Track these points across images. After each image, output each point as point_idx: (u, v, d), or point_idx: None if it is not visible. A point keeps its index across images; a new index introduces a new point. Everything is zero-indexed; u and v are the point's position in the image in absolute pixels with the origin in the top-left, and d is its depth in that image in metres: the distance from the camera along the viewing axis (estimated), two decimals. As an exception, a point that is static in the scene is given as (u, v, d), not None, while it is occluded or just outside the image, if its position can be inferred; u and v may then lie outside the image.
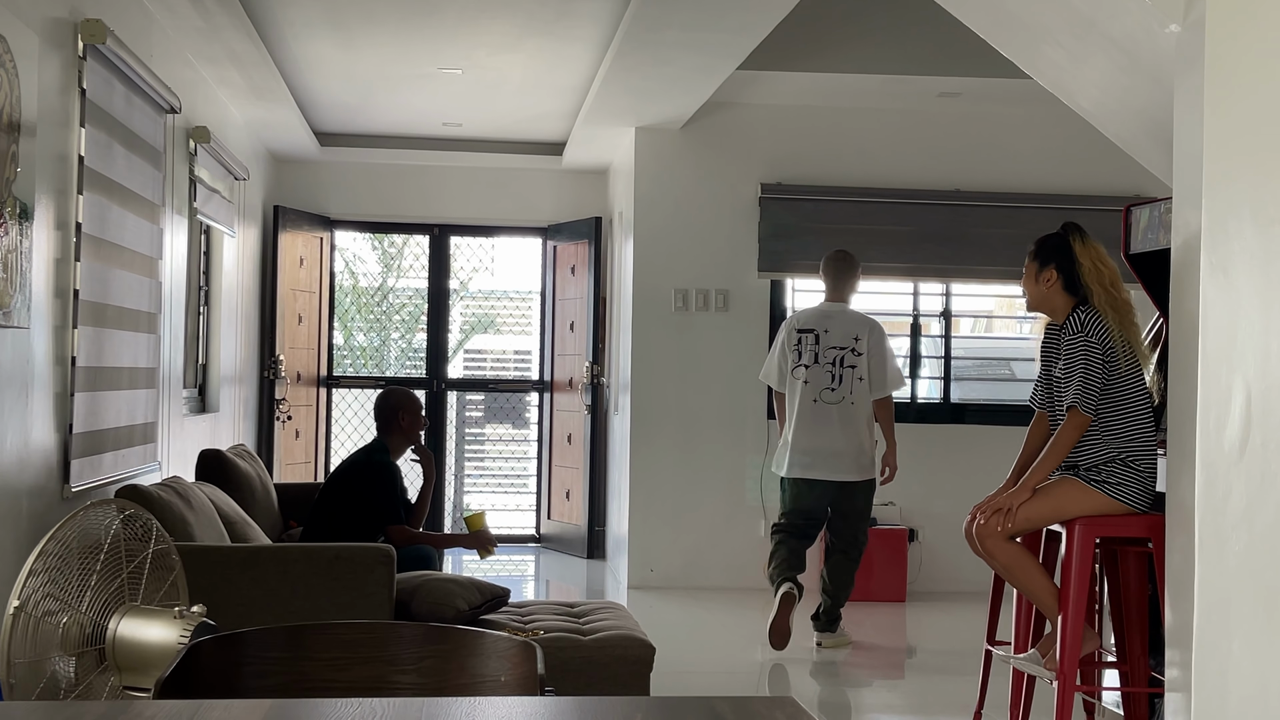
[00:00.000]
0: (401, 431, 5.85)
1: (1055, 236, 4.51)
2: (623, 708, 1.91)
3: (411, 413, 5.86)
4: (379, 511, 5.56)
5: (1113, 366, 4.29)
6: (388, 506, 5.59)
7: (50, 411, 4.49)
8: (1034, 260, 4.50)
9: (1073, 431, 4.29)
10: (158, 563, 3.36)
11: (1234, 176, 2.85)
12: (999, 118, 8.25)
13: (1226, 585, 2.80)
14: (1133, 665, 4.54)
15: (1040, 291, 4.48)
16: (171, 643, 3.16)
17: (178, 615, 3.20)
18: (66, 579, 3.12)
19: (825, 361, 6.48)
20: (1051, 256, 4.45)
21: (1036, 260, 4.49)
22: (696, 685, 5.63)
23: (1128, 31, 3.83)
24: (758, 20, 5.92)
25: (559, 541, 9.71)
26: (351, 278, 11.10)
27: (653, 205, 8.21)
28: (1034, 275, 4.49)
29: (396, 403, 5.89)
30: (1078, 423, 4.28)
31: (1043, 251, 4.48)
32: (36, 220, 4.24)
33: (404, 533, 5.55)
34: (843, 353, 6.49)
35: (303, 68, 7.32)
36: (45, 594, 3.06)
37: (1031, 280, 4.49)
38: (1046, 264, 4.46)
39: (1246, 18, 2.83)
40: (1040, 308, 4.52)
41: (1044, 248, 4.49)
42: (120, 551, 3.25)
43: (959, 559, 7.34)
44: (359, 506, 5.54)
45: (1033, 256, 4.50)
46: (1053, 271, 4.44)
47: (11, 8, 3.98)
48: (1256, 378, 2.69)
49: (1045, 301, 4.49)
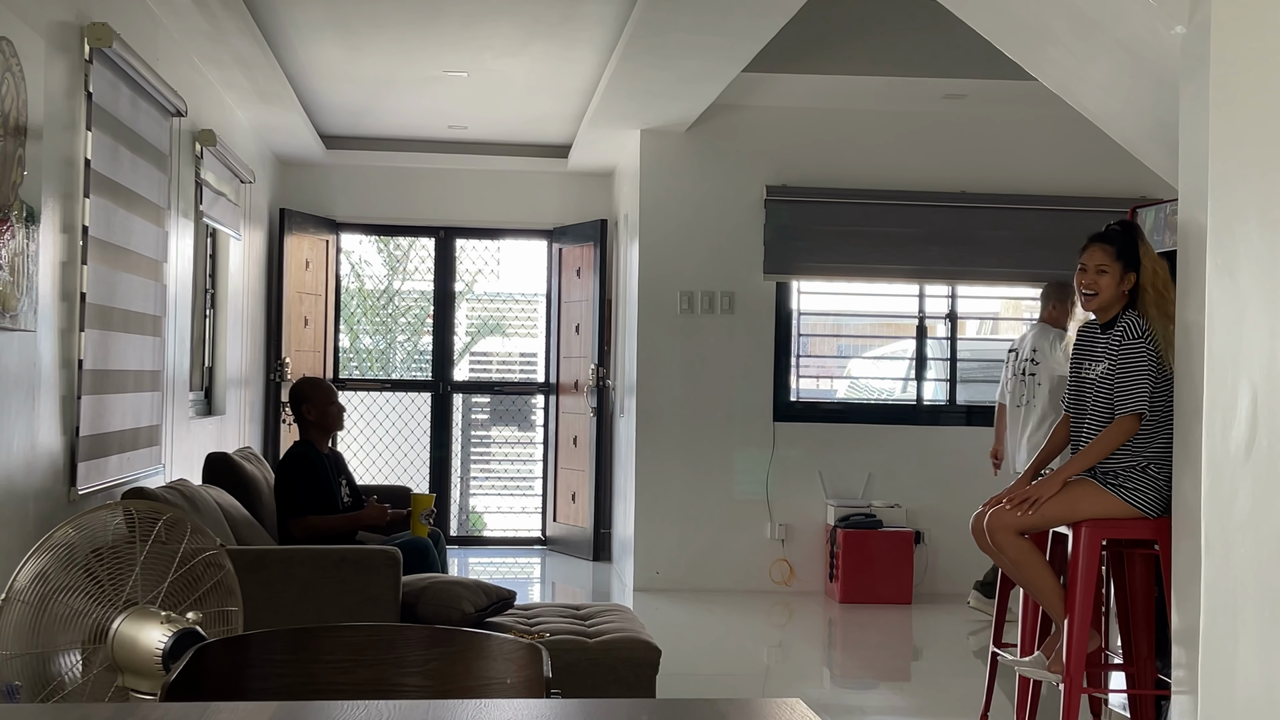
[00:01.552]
0: (313, 424, 5.71)
1: (1129, 238, 4.34)
2: (628, 710, 1.91)
3: (317, 403, 5.70)
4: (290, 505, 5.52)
5: (1158, 377, 4.25)
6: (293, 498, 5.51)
7: (57, 414, 4.49)
8: (1117, 260, 4.30)
9: (1122, 436, 4.22)
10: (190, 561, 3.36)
11: (1239, 178, 2.85)
12: (1004, 120, 8.25)
13: (1232, 587, 2.79)
14: (1139, 667, 4.54)
15: (1120, 294, 4.31)
16: (153, 646, 3.16)
17: (165, 620, 3.20)
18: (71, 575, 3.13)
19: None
20: (1135, 261, 4.30)
21: (1120, 261, 4.30)
22: (702, 687, 5.63)
23: (1133, 33, 3.83)
24: (763, 23, 5.92)
25: (565, 544, 9.71)
26: (357, 280, 11.10)
27: (658, 207, 8.22)
28: (1119, 276, 4.30)
29: (300, 395, 5.77)
30: (1128, 428, 4.22)
31: (1126, 253, 4.30)
32: (43, 223, 4.24)
33: (300, 527, 5.44)
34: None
35: (308, 71, 7.33)
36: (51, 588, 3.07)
37: (1116, 281, 4.30)
38: (1130, 268, 4.30)
39: (1252, 19, 2.83)
40: (1106, 308, 4.35)
41: (1126, 248, 4.31)
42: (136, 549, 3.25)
43: (965, 561, 7.35)
44: (280, 502, 5.55)
45: (1115, 256, 4.30)
46: (1134, 277, 4.30)
47: (18, 11, 3.99)
48: (1263, 380, 2.69)
49: (1114, 304, 4.33)
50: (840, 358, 9.24)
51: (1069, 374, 4.55)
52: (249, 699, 2.01)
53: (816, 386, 8.77)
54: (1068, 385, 4.55)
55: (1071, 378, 4.51)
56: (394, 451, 10.14)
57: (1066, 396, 4.55)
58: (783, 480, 8.15)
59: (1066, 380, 4.63)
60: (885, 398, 8.74)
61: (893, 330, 8.93)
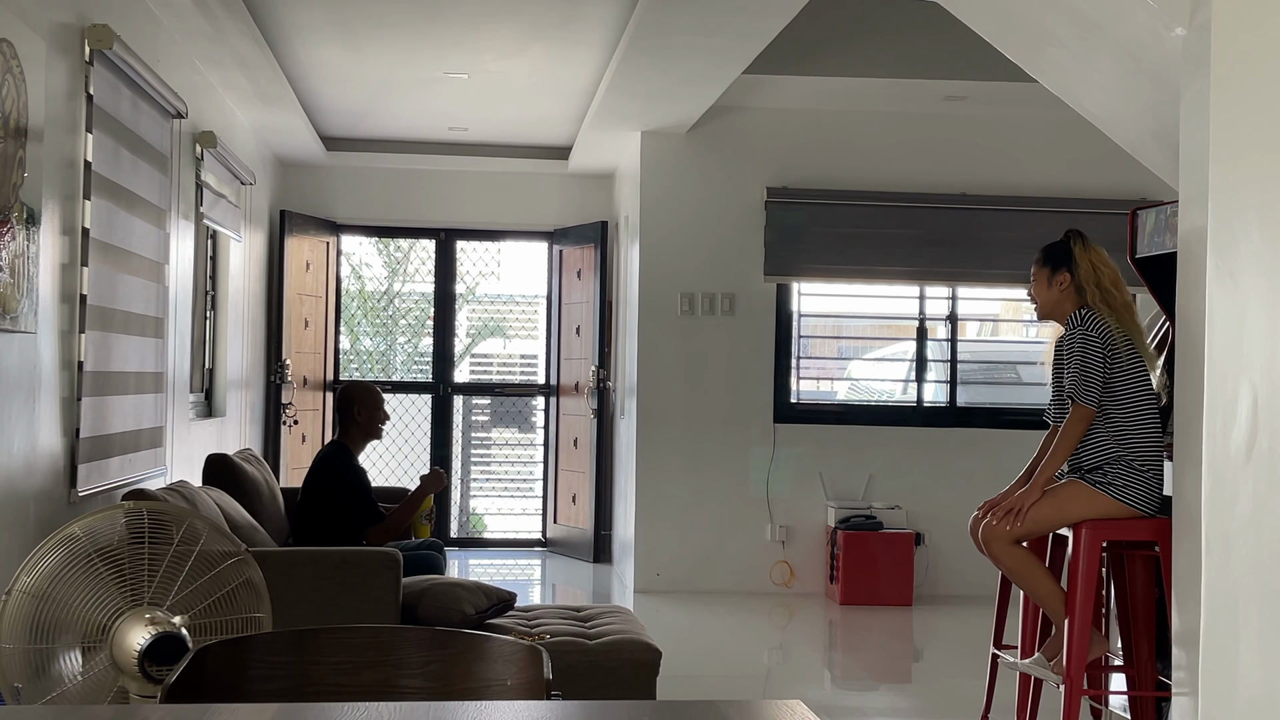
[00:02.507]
0: (359, 426, 5.84)
1: (1061, 243, 4.53)
2: (629, 712, 1.91)
3: (369, 407, 5.83)
4: (356, 517, 5.63)
5: (1115, 363, 4.29)
6: (361, 510, 5.65)
7: (57, 416, 4.49)
8: (1044, 266, 4.52)
9: (1077, 424, 4.29)
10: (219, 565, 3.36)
11: (1240, 180, 2.85)
12: (1004, 121, 8.25)
13: (1233, 589, 2.79)
14: (1140, 669, 4.54)
15: (1054, 296, 4.48)
16: (133, 647, 3.17)
17: (150, 622, 3.20)
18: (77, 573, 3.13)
19: None
20: (1062, 261, 4.48)
21: (1047, 266, 4.51)
22: (703, 689, 5.63)
23: (1133, 35, 3.83)
24: (763, 25, 5.92)
25: (565, 545, 9.71)
26: (358, 282, 11.10)
27: (659, 209, 8.22)
28: (1046, 281, 4.50)
29: (352, 396, 5.87)
30: (1080, 415, 4.28)
31: (1052, 258, 4.51)
32: (43, 225, 4.25)
33: (380, 535, 5.62)
34: None
35: (309, 72, 7.33)
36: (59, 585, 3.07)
37: (1044, 286, 4.51)
38: (1059, 269, 4.48)
39: (1252, 21, 2.83)
40: (1052, 315, 4.53)
41: (1053, 254, 4.52)
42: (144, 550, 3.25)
43: (966, 562, 7.35)
44: (336, 512, 5.61)
45: (1041, 263, 4.53)
46: (1065, 275, 4.46)
47: (19, 13, 3.99)
48: (1263, 381, 2.69)
49: (1058, 307, 4.49)
50: (841, 359, 9.24)
51: (1050, 383, 4.60)
52: (249, 700, 2.01)
53: (817, 388, 8.77)
54: (1051, 394, 4.59)
55: (1053, 387, 4.56)
56: (394, 453, 10.14)
57: (1050, 405, 4.59)
58: (783, 482, 8.15)
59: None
60: (886, 399, 8.74)
61: (893, 332, 8.93)
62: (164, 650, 3.15)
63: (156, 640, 3.15)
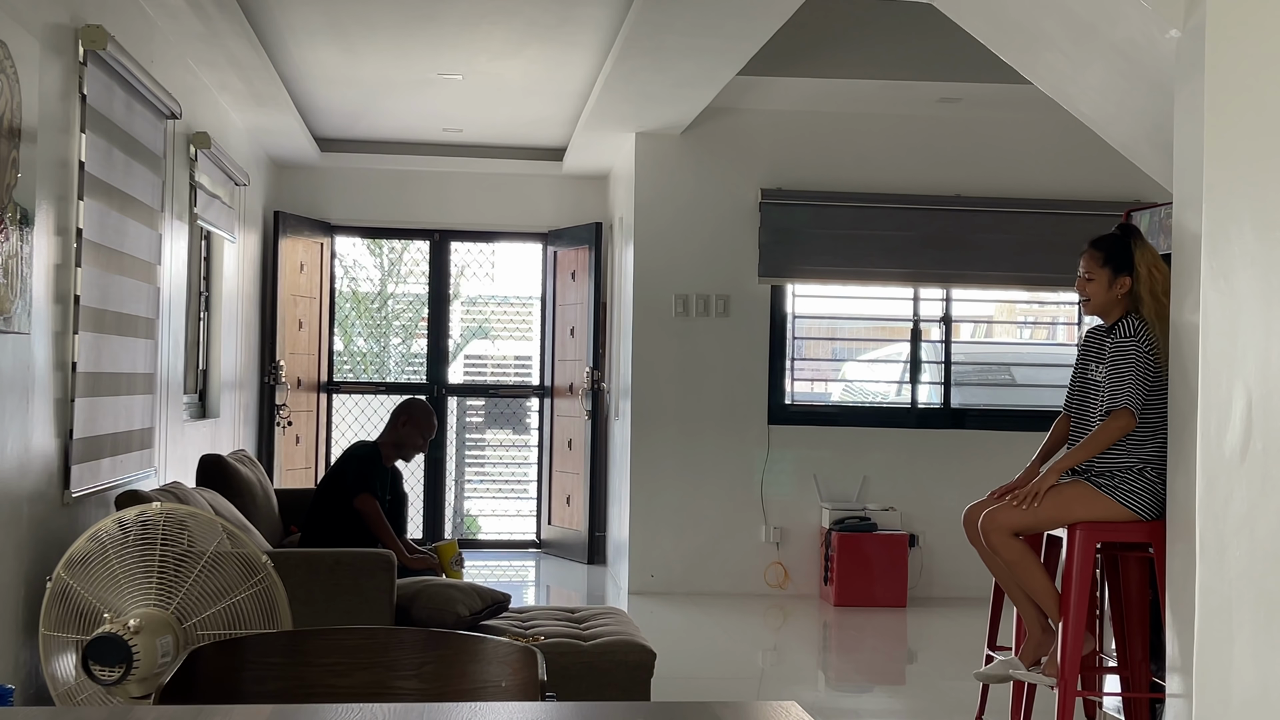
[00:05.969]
0: (398, 436, 5.89)
1: (1122, 242, 4.42)
2: (623, 713, 1.91)
3: (416, 425, 5.91)
4: (347, 489, 5.60)
5: (1154, 379, 4.27)
6: (355, 480, 5.62)
7: (50, 417, 4.48)
8: (1104, 266, 4.40)
9: (1116, 431, 4.26)
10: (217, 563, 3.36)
11: (1234, 182, 2.86)
12: (999, 123, 8.25)
13: (1227, 591, 2.79)
14: (1134, 671, 4.54)
15: (1113, 298, 4.40)
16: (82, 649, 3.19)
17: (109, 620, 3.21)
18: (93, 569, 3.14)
19: None
20: (1125, 265, 4.37)
21: (1108, 267, 4.39)
22: (697, 690, 5.63)
23: (1128, 37, 3.83)
24: (758, 26, 5.92)
25: (559, 547, 9.71)
26: (352, 283, 11.10)
27: (653, 210, 8.22)
28: (1107, 282, 4.39)
29: (409, 408, 5.99)
30: (1124, 424, 4.25)
31: (1114, 258, 4.39)
32: (37, 226, 4.24)
33: (369, 502, 5.55)
34: None
35: (303, 73, 7.33)
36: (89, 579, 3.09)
37: (1104, 287, 4.40)
38: (1121, 271, 4.38)
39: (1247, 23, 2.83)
40: (1102, 313, 4.45)
41: (1115, 253, 4.40)
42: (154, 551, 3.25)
43: (960, 564, 7.36)
44: (340, 496, 5.61)
45: (1102, 263, 4.40)
46: (1128, 280, 4.37)
47: (12, 13, 3.99)
48: (1257, 383, 2.69)
49: (1113, 308, 4.41)
50: (835, 361, 9.24)
51: (1072, 375, 4.59)
52: (243, 702, 2.00)
53: (811, 389, 8.77)
54: (1069, 385, 4.59)
55: (1075, 379, 4.54)
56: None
57: (1067, 396, 4.58)
58: (777, 483, 8.15)
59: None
60: (880, 401, 8.74)
61: (887, 333, 8.94)
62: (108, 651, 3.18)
63: (97, 641, 3.17)
